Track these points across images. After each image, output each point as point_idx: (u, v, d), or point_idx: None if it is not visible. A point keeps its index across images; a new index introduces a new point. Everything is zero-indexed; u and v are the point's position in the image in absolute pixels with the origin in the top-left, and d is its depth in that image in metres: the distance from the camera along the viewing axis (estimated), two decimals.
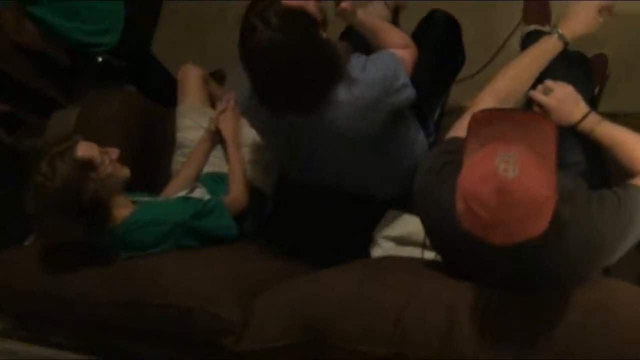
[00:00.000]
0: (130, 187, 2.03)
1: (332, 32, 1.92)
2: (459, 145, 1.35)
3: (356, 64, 1.81)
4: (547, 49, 1.74)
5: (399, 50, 1.89)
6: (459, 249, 1.48)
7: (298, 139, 1.90)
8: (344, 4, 1.86)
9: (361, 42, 2.02)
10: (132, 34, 2.75)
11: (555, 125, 1.30)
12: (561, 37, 1.72)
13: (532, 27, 2.38)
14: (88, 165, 1.86)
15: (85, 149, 1.88)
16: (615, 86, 2.34)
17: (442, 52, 2.22)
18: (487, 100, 1.67)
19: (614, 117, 1.66)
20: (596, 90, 2.22)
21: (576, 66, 1.81)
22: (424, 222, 1.64)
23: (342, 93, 1.76)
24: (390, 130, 1.92)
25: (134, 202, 2.02)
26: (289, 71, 1.69)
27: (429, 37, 2.21)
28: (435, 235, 1.62)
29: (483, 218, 1.19)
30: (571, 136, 1.66)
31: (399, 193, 2.07)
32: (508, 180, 1.16)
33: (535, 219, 1.20)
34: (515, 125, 1.29)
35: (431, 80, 2.15)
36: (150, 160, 2.47)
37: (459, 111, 2.39)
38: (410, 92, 1.87)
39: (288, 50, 1.66)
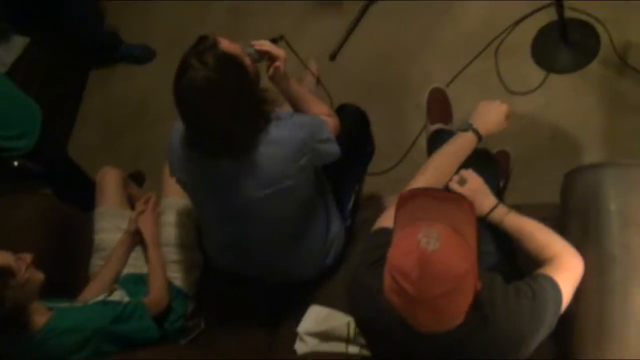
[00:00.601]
0: (46, 292, 1.97)
1: None
2: (389, 237, 1.40)
3: (284, 113, 1.92)
4: (464, 144, 1.87)
5: (324, 117, 2.01)
6: (391, 341, 1.50)
7: (225, 187, 1.91)
8: (277, 64, 1.95)
9: None
10: (49, 138, 2.73)
11: (473, 206, 1.41)
12: (476, 132, 1.86)
13: (437, 126, 2.53)
14: (5, 272, 1.80)
15: (0, 258, 1.82)
16: (517, 180, 2.50)
17: (352, 142, 2.29)
18: None
19: (518, 208, 1.77)
20: (501, 184, 2.36)
21: (483, 162, 1.93)
22: (355, 314, 1.67)
23: (272, 134, 1.83)
24: (310, 196, 1.99)
25: (50, 309, 1.95)
26: (222, 110, 1.74)
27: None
28: (367, 327, 1.65)
29: (407, 291, 1.24)
30: (482, 227, 1.73)
31: (314, 273, 2.13)
32: (429, 252, 1.24)
33: (457, 293, 1.26)
34: (438, 206, 1.39)
35: (343, 169, 2.22)
36: (67, 264, 2.41)
37: (375, 204, 2.50)
38: (335, 148, 1.97)
39: (221, 89, 1.72)
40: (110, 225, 2.42)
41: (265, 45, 1.95)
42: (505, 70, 2.77)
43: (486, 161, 2.01)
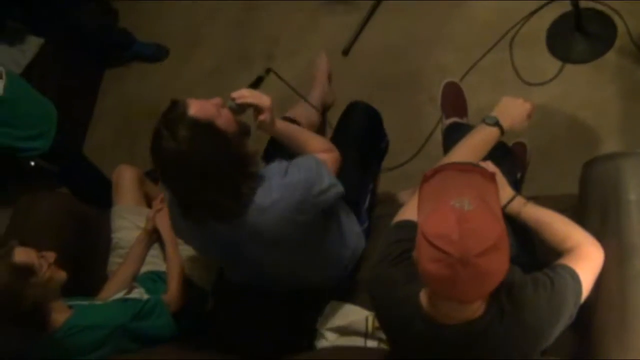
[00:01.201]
0: (66, 290, 1.99)
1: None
2: (411, 231, 1.39)
3: (277, 169, 1.82)
4: (488, 138, 1.84)
5: (321, 154, 1.92)
6: (411, 336, 1.50)
7: (225, 244, 1.87)
8: (261, 117, 1.87)
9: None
10: (65, 137, 2.75)
11: (494, 176, 1.43)
12: (500, 127, 1.84)
13: (452, 120, 2.52)
14: (27, 271, 1.82)
15: (23, 255, 1.84)
16: (535, 171, 2.49)
17: (365, 140, 2.29)
18: None
19: (536, 200, 1.76)
20: (518, 176, 2.34)
21: (500, 154, 1.92)
22: (376, 308, 1.66)
23: (263, 198, 1.75)
24: (321, 229, 1.94)
25: (70, 307, 1.96)
26: (196, 181, 1.68)
27: (351, 128, 2.30)
28: (388, 321, 1.64)
29: (450, 254, 1.23)
30: None
31: (337, 281, 2.10)
32: (465, 211, 1.25)
33: (496, 252, 1.25)
34: (464, 177, 1.40)
35: (358, 169, 2.20)
36: (86, 263, 2.42)
37: (390, 200, 2.48)
38: (337, 190, 1.88)
39: (193, 162, 1.65)
40: (128, 223, 2.43)
41: (248, 97, 1.84)
42: (521, 62, 2.75)
43: (503, 153, 1.99)
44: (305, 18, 3.35)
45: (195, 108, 1.69)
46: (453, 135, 2.23)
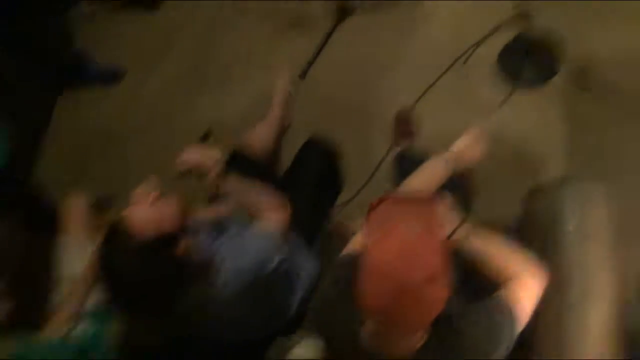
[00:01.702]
0: (9, 324, 1.94)
1: None
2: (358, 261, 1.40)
3: (228, 246, 1.82)
4: (442, 172, 1.87)
5: (273, 215, 1.90)
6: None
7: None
8: (212, 175, 1.86)
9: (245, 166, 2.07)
10: (14, 163, 2.70)
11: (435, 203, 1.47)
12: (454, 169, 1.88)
13: (401, 148, 2.54)
14: None
15: None
16: (480, 198, 2.48)
17: (321, 187, 2.27)
18: None
19: (481, 225, 1.76)
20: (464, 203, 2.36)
21: (452, 183, 1.93)
22: (324, 333, 1.66)
23: (213, 283, 1.77)
24: (269, 290, 1.93)
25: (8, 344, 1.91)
26: (155, 293, 1.68)
27: (307, 174, 2.27)
28: (337, 348, 1.64)
29: (392, 282, 1.24)
30: None
31: (285, 325, 2.08)
32: (408, 239, 1.27)
33: (438, 280, 1.26)
34: (409, 206, 1.42)
35: (311, 215, 2.19)
36: (30, 295, 2.37)
37: (341, 232, 2.47)
38: (287, 265, 1.90)
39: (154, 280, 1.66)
40: (74, 256, 2.38)
41: (189, 160, 1.86)
42: (471, 87, 2.79)
43: (455, 182, 2.01)
44: (263, 41, 3.36)
45: (134, 224, 1.63)
46: (402, 163, 2.24)
